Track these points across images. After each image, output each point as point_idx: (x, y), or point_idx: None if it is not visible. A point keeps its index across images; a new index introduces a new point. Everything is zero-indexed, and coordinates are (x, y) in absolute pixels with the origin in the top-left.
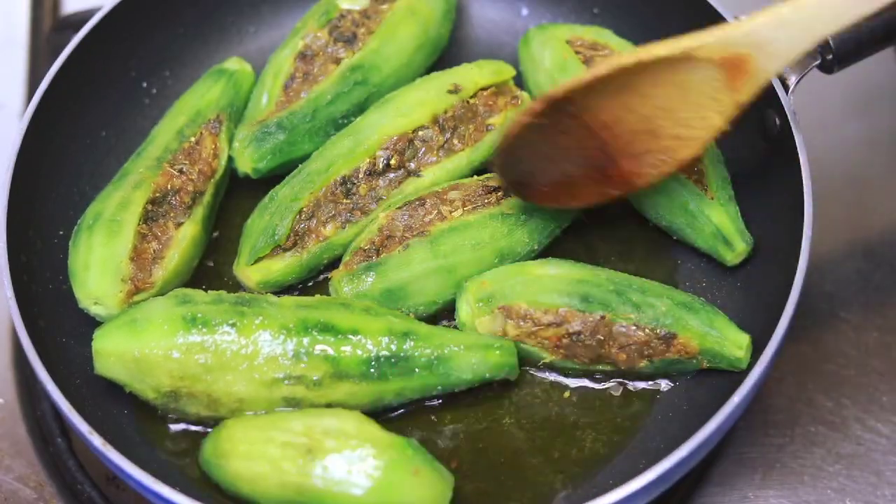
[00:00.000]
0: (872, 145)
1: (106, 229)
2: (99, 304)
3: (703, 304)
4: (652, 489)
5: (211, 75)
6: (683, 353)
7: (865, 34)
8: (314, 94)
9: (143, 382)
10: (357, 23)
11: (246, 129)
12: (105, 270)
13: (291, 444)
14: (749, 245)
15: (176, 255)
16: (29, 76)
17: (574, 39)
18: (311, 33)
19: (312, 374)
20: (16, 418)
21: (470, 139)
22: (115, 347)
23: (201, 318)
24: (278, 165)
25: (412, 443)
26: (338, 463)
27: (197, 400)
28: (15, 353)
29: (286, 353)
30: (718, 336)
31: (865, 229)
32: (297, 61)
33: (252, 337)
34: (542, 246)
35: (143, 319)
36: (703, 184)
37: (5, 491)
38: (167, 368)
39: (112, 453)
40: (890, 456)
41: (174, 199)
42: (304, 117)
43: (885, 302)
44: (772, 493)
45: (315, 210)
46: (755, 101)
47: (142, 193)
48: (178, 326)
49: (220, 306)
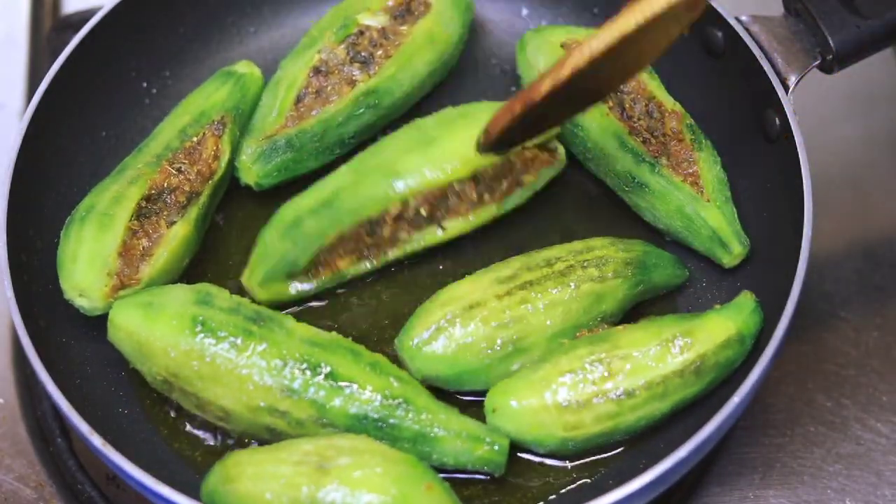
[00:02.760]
0: (872, 145)
1: (97, 222)
2: (84, 296)
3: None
4: (652, 489)
5: (219, 77)
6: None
7: (865, 34)
8: (326, 115)
9: (143, 365)
10: (375, 42)
11: (254, 143)
12: (92, 263)
13: (303, 461)
14: (746, 247)
15: (165, 253)
16: (29, 76)
17: (570, 42)
18: (328, 47)
19: (297, 413)
20: (16, 418)
21: (501, 194)
22: (125, 323)
23: (208, 325)
24: (282, 181)
25: (422, 461)
26: (352, 478)
27: (187, 398)
28: (15, 353)
29: (277, 387)
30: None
31: (865, 229)
32: (311, 75)
33: (248, 361)
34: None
35: (158, 306)
36: (698, 186)
37: (5, 491)
38: (164, 362)
39: (112, 453)
40: (890, 456)
41: (169, 197)
42: (314, 137)
43: (885, 302)
44: (771, 493)
45: (336, 244)
46: (755, 101)
47: (137, 189)
48: (184, 325)
49: (233, 318)
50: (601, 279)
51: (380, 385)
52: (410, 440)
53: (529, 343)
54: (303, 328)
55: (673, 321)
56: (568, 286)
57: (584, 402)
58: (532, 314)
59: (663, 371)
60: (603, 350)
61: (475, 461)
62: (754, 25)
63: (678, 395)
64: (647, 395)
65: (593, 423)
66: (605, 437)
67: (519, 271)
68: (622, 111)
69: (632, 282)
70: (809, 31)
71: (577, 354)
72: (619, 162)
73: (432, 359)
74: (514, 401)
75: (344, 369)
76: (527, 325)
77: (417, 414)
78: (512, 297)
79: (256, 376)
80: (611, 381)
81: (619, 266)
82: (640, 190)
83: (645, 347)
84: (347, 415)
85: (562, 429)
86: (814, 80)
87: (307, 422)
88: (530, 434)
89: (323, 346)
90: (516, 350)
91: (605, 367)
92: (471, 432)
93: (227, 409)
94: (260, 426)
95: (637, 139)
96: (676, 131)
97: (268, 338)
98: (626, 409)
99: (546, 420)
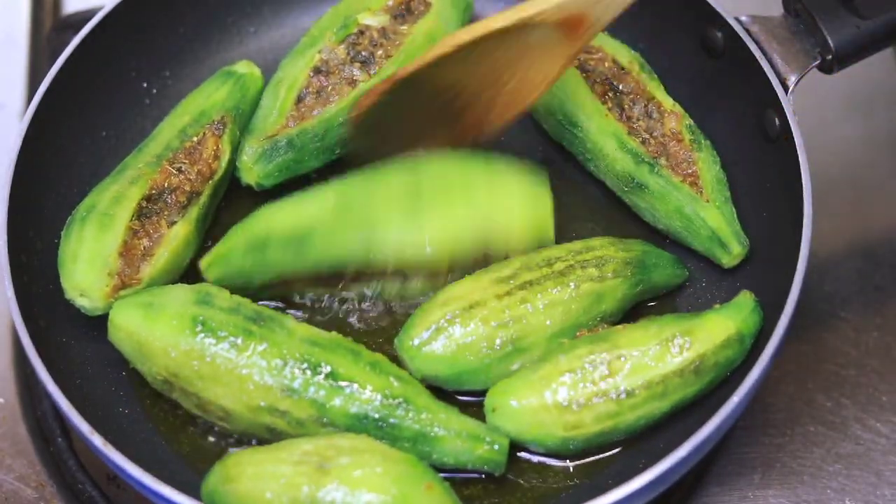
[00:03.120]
0: (872, 145)
1: (97, 222)
2: (84, 296)
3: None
4: (652, 489)
5: (219, 76)
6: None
7: (865, 34)
8: (327, 115)
9: (143, 364)
10: (375, 42)
11: (255, 144)
12: (93, 263)
13: (303, 461)
14: (745, 247)
15: (165, 253)
16: (29, 76)
17: None
18: (328, 47)
19: (298, 413)
20: (16, 418)
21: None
22: (125, 323)
23: (209, 325)
24: (282, 181)
25: (422, 461)
26: (352, 477)
27: (188, 398)
28: (15, 353)
29: (277, 387)
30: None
31: (865, 229)
32: (312, 75)
33: (248, 361)
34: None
35: (158, 306)
36: (698, 186)
37: (6, 491)
38: (164, 362)
39: (112, 453)
40: (889, 456)
41: (170, 197)
42: (315, 137)
43: (885, 302)
44: (771, 493)
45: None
46: (755, 101)
47: (137, 189)
48: (185, 325)
49: (234, 317)
50: (601, 279)
51: (380, 385)
52: (410, 440)
53: (529, 343)
54: (303, 328)
55: (672, 321)
56: (568, 286)
57: (583, 401)
58: (532, 314)
59: (663, 371)
60: (603, 350)
61: (475, 460)
62: (754, 26)
63: (678, 394)
64: (646, 394)
65: (593, 423)
66: (606, 437)
67: (519, 271)
68: (621, 111)
69: (631, 282)
70: (809, 32)
71: (576, 354)
72: (618, 162)
73: (432, 359)
74: (514, 400)
75: (344, 369)
76: (526, 325)
77: (417, 413)
78: (512, 296)
79: (257, 376)
80: (610, 381)
81: (619, 266)
82: (640, 190)
83: (644, 347)
84: (348, 414)
85: (562, 428)
86: (813, 81)
87: (307, 421)
88: (530, 433)
89: (323, 345)
90: (516, 350)
91: (605, 367)
92: (471, 432)
93: (227, 408)
94: (260, 426)
95: (636, 139)
96: (675, 132)
97: (268, 337)
98: (626, 409)
99: (546, 419)
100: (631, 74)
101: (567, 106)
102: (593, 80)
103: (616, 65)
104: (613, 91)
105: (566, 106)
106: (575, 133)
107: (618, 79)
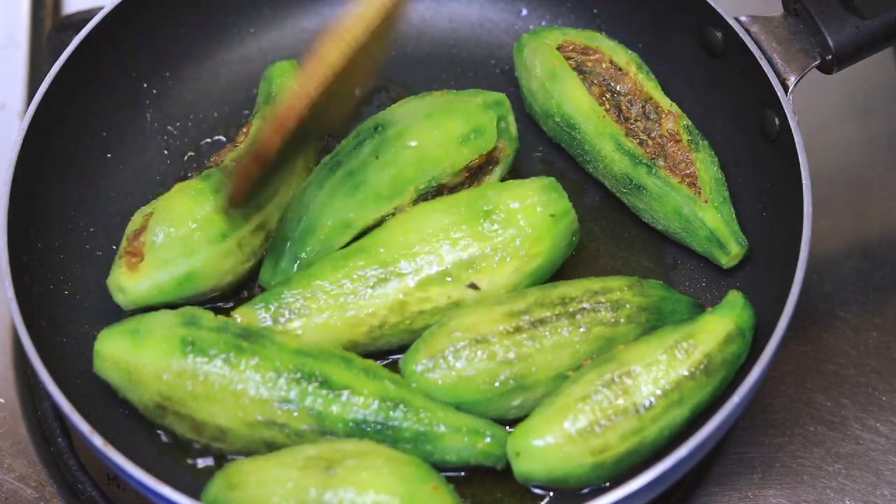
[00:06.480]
0: (872, 146)
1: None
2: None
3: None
4: (652, 489)
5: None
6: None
7: (865, 34)
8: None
9: (133, 392)
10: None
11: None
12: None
13: (309, 465)
14: (744, 248)
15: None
16: (29, 76)
17: (566, 44)
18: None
19: (296, 424)
20: (16, 418)
21: None
22: (112, 353)
23: (199, 345)
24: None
25: (425, 462)
26: (359, 479)
27: (182, 421)
28: (15, 353)
29: (273, 400)
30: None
31: (865, 229)
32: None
33: (242, 375)
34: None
35: (145, 332)
36: (696, 187)
37: (6, 490)
38: (156, 387)
39: (113, 453)
40: (889, 456)
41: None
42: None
43: (884, 302)
44: (771, 493)
45: None
46: (754, 101)
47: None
48: (174, 348)
49: (222, 336)
50: (614, 324)
51: (376, 389)
52: (412, 440)
53: (532, 381)
54: (293, 341)
55: (671, 329)
56: (578, 328)
57: (606, 423)
58: (539, 352)
59: (675, 377)
60: (612, 369)
61: (477, 455)
62: (754, 26)
63: (695, 398)
64: (665, 403)
65: (619, 442)
66: (634, 455)
67: (532, 307)
68: (619, 113)
69: (645, 327)
70: (809, 32)
71: (587, 380)
72: (615, 164)
73: (433, 387)
74: (537, 439)
75: (338, 377)
76: (531, 364)
77: (416, 413)
78: (521, 333)
79: (252, 390)
80: (627, 398)
81: (634, 312)
82: (638, 191)
83: (652, 358)
84: (346, 421)
85: (590, 454)
86: (813, 81)
87: (306, 432)
88: (561, 469)
89: (314, 355)
90: (518, 387)
91: (619, 386)
92: (470, 426)
93: (223, 427)
94: (258, 441)
95: (634, 141)
96: (673, 132)
97: (259, 352)
98: (648, 422)
99: (573, 450)
100: (628, 75)
101: (565, 108)
102: (591, 81)
103: (613, 65)
104: (611, 92)
105: (564, 108)
106: (573, 135)
107: (615, 79)
